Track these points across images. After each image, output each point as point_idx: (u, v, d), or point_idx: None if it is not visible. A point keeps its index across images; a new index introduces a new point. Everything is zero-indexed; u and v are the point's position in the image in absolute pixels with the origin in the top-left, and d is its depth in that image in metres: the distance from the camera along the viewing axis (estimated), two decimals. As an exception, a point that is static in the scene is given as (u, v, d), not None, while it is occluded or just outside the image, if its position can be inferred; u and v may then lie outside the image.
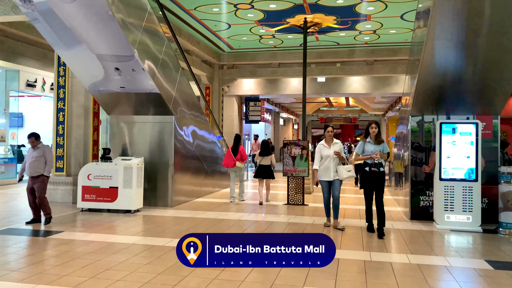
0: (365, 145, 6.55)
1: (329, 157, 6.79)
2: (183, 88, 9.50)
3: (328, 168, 6.81)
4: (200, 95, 12.29)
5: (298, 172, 9.43)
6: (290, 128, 37.87)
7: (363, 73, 17.45)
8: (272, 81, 19.78)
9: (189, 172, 9.74)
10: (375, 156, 6.35)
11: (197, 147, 10.13)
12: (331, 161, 6.79)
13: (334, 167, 6.79)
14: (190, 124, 9.76)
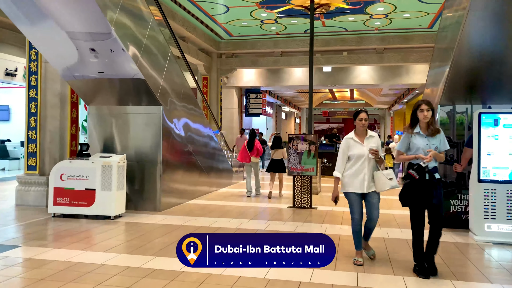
0: (412, 138, 4.31)
1: (363, 158, 4.52)
2: (173, 77, 8.31)
3: (361, 174, 4.52)
4: (195, 86, 11.11)
5: (305, 171, 8.25)
6: (292, 122, 36.67)
7: (372, 62, 16.21)
8: (274, 71, 18.55)
9: (181, 170, 8.56)
10: (426, 158, 4.15)
11: (190, 142, 8.95)
12: (365, 163, 4.52)
13: (370, 172, 4.53)
14: (182, 117, 8.57)
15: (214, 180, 10.54)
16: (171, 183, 8.12)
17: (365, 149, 4.54)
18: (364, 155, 4.54)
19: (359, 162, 4.55)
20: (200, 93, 12.83)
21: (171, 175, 8.07)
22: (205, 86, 17.23)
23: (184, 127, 8.68)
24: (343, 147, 4.64)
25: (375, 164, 4.59)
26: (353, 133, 4.68)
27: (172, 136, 8.04)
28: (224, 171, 11.58)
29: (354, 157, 4.57)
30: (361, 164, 4.54)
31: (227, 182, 11.78)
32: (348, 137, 4.67)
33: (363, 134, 4.63)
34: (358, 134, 4.64)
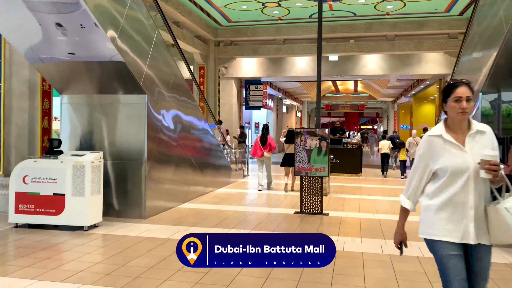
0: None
1: (465, 175, 2.23)
2: (161, 65, 7.14)
3: (463, 207, 2.24)
4: (190, 76, 9.90)
5: (315, 171, 7.10)
6: (293, 116, 35.46)
7: (383, 50, 15.01)
8: (275, 61, 17.34)
9: (171, 169, 7.41)
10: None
11: (182, 136, 7.79)
12: (470, 185, 2.23)
13: (480, 203, 2.24)
14: (172, 108, 7.40)
15: (210, 179, 9.39)
16: (159, 185, 6.98)
17: (469, 158, 2.23)
18: (468, 168, 2.22)
19: (459, 182, 2.24)
20: (195, 84, 11.66)
21: (158, 175, 6.92)
22: (201, 76, 16.04)
23: (175, 120, 7.51)
24: (422, 153, 2.36)
25: (488, 187, 2.25)
26: (441, 126, 2.33)
27: (159, 129, 6.88)
28: (222, 168, 10.43)
29: (448, 173, 2.25)
30: (462, 186, 2.23)
31: (225, 181, 10.63)
32: (433, 135, 2.32)
33: (463, 128, 2.30)
34: (453, 129, 2.31)
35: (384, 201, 8.58)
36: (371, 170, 14.95)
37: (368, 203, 8.27)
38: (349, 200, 8.58)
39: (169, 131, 7.25)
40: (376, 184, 11.43)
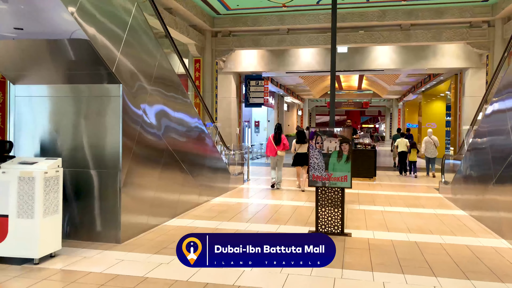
0: None
1: None
2: (140, 54, 5.69)
3: None
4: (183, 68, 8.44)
5: (334, 181, 5.69)
6: (295, 114, 34.07)
7: (397, 41, 13.60)
8: (278, 54, 15.93)
9: (155, 177, 5.99)
10: None
11: (169, 137, 6.37)
12: None
13: None
14: (156, 103, 5.98)
15: (205, 186, 7.98)
16: (140, 198, 5.57)
17: None
18: None
19: None
20: (189, 79, 10.22)
21: (139, 185, 5.51)
22: (197, 70, 14.62)
23: (161, 117, 6.10)
24: None
25: None
26: None
27: (140, 128, 5.46)
28: (219, 173, 9.02)
29: None
30: None
31: (223, 187, 9.23)
32: None
33: None
34: None
35: (412, 214, 7.18)
36: (378, 172, 13.56)
37: (395, 218, 6.88)
38: (370, 213, 7.18)
39: (153, 130, 5.83)
40: (395, 190, 10.03)
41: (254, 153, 20.79)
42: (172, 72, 6.61)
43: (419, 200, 8.70)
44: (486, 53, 13.23)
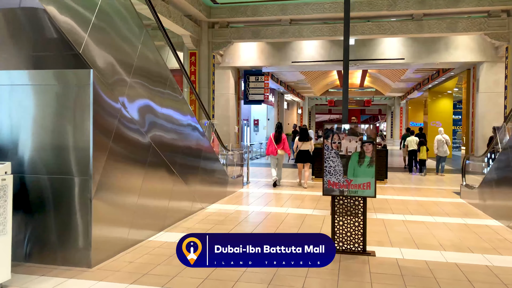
0: None
1: None
2: (118, 42, 4.64)
3: None
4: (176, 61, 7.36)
5: (355, 189, 4.69)
6: (295, 113, 33.09)
7: (408, 32, 12.60)
8: (279, 48, 14.93)
9: (137, 183, 4.97)
10: None
11: (156, 136, 5.35)
12: None
13: None
14: (139, 98, 4.96)
15: (199, 192, 6.97)
16: (118, 207, 4.56)
17: None
18: None
19: None
20: (183, 73, 9.21)
21: (117, 192, 4.51)
22: (193, 64, 13.60)
23: (145, 114, 5.08)
24: None
25: None
26: None
27: (118, 123, 4.45)
28: (216, 176, 8.02)
29: None
30: None
31: (220, 192, 8.23)
32: None
33: None
34: None
35: (439, 225, 6.19)
36: (388, 174, 12.58)
37: (421, 229, 5.89)
38: (391, 224, 6.19)
39: (135, 126, 4.81)
40: (410, 194, 9.04)
41: (253, 152, 19.80)
42: (159, 65, 5.59)
43: (440, 206, 7.72)
44: (504, 45, 12.26)
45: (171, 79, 5.85)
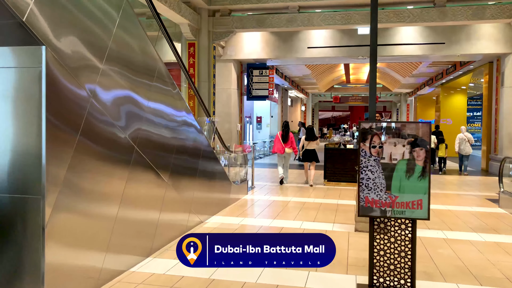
0: None
1: None
2: (81, 19, 3.40)
3: None
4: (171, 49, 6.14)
5: (402, 208, 3.53)
6: (298, 110, 31.91)
7: (430, 19, 11.40)
8: (285, 38, 13.75)
9: (114, 195, 3.81)
10: None
11: (140, 136, 4.18)
12: None
13: None
14: (114, 87, 3.78)
15: (196, 202, 5.82)
16: (86, 228, 3.42)
17: None
18: None
19: None
20: (180, 65, 8.07)
21: (84, 211, 3.37)
22: (191, 55, 12.43)
23: (124, 109, 3.92)
24: None
25: None
26: None
27: (85, 119, 3.29)
28: (216, 182, 6.89)
29: None
30: None
31: (222, 201, 7.10)
32: None
33: None
34: None
35: (492, 246, 5.03)
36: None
37: (472, 253, 4.74)
38: (432, 244, 5.03)
39: (109, 124, 3.65)
40: (440, 202, 7.87)
41: (256, 151, 18.64)
42: (146, 55, 4.42)
43: (481, 219, 6.56)
44: (536, 34, 11.07)
45: (160, 71, 4.68)
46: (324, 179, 10.07)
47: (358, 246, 4.88)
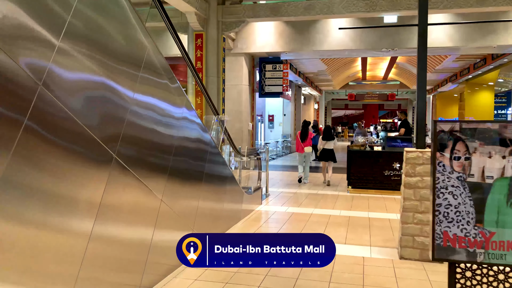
0: None
1: None
2: None
3: None
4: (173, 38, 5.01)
5: (501, 251, 2.35)
6: (312, 108, 30.64)
7: (466, 5, 10.12)
8: (302, 30, 12.58)
9: (87, 210, 2.68)
10: None
11: (121, 137, 3.05)
12: None
13: None
14: (80, 70, 2.64)
15: (200, 218, 4.69)
16: (26, 270, 2.30)
17: None
18: None
19: None
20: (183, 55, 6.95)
21: (34, 241, 2.25)
22: (199, 48, 11.33)
23: (95, 104, 2.78)
24: None
25: None
26: None
27: (32, 111, 2.17)
28: (225, 193, 5.77)
29: None
30: None
31: (232, 215, 5.98)
32: None
33: None
34: None
35: None
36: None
37: None
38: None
39: (69, 122, 2.52)
40: None
41: (269, 152, 17.49)
42: (129, 41, 3.28)
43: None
44: None
45: (151, 61, 3.55)
46: (348, 186, 8.89)
47: (412, 285, 3.72)
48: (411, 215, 4.44)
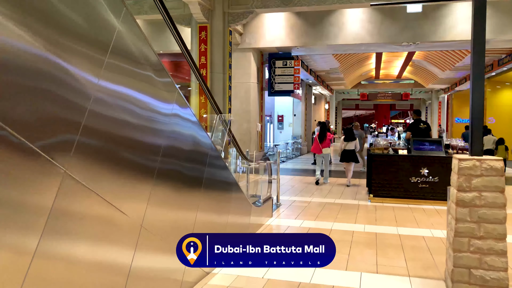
0: None
1: None
2: None
3: None
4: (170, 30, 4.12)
5: None
6: (322, 108, 29.60)
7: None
8: (314, 23, 11.63)
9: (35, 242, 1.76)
10: None
11: (75, 141, 2.13)
12: None
13: None
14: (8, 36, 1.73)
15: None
16: None
17: None
18: None
19: None
20: (181, 48, 6.03)
21: None
22: (203, 41, 10.42)
23: (29, 87, 1.86)
24: None
25: None
26: None
27: None
28: (229, 207, 4.83)
29: None
30: None
31: (239, 227, 5.04)
32: None
33: None
34: None
35: None
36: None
37: None
38: None
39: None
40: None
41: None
42: (91, 20, 2.36)
43: None
44: None
45: (120, 46, 2.62)
46: (369, 194, 7.91)
47: None
48: (466, 242, 3.46)
